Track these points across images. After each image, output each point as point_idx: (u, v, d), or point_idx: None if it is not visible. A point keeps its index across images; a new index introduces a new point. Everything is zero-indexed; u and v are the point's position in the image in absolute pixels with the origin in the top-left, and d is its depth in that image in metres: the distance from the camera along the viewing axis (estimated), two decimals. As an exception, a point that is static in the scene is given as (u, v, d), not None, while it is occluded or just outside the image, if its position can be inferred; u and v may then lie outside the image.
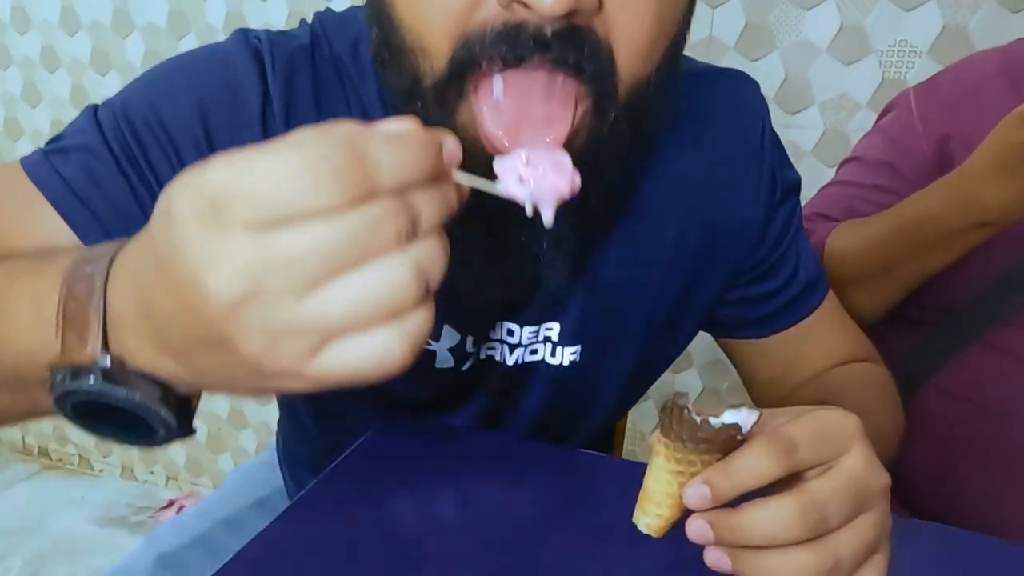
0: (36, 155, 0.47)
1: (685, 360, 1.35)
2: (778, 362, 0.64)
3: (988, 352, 0.71)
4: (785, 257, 0.60)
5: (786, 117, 1.16)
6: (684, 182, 0.55)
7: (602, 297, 0.55)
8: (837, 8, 1.09)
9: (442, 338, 0.54)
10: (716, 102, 0.56)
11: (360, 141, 0.24)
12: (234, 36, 0.51)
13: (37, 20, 1.60)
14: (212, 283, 0.24)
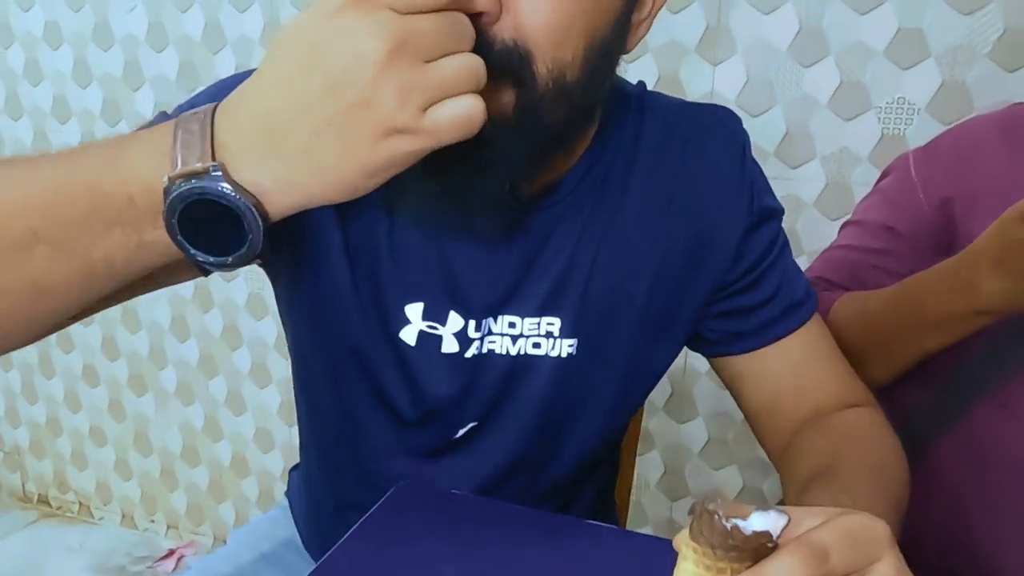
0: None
1: (691, 411, 1.35)
2: (770, 386, 0.65)
3: (999, 409, 0.71)
4: (766, 275, 0.64)
5: (788, 170, 1.18)
6: (672, 200, 0.61)
7: (599, 298, 0.61)
8: (836, 65, 1.11)
9: (448, 323, 0.59)
10: (701, 130, 0.63)
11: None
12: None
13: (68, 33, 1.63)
14: (370, 42, 0.36)
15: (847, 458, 0.55)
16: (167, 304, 1.69)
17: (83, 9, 1.55)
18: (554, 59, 0.47)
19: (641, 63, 1.21)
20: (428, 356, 0.60)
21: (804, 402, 0.64)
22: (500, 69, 0.44)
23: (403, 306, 0.60)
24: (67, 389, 1.88)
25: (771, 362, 0.65)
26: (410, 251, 0.59)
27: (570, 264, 0.60)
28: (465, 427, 0.64)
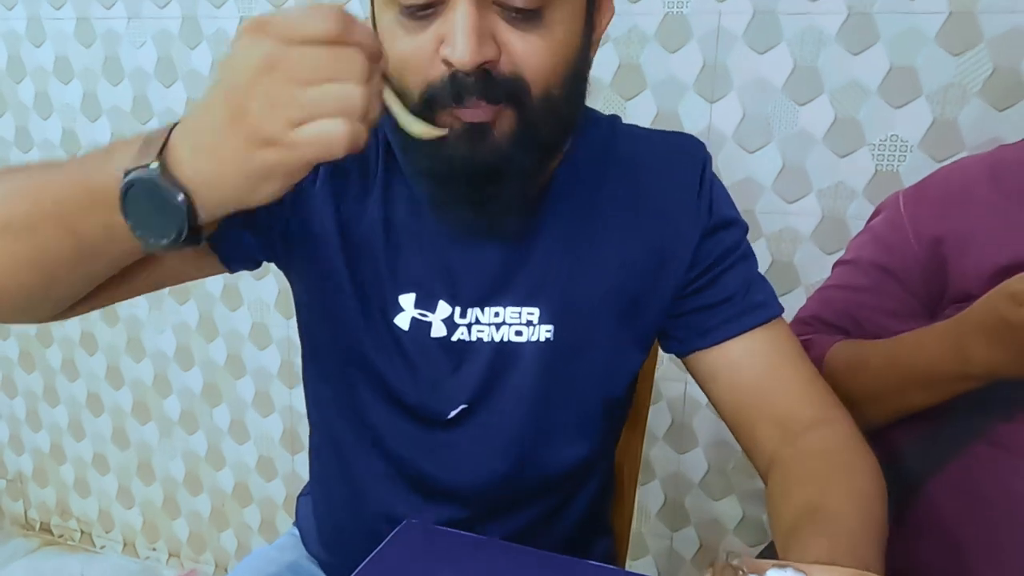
0: None
1: (691, 441, 1.36)
2: (737, 380, 0.69)
3: (992, 448, 0.72)
4: (724, 276, 0.70)
5: (784, 204, 1.20)
6: (638, 209, 0.69)
7: (573, 291, 0.68)
8: (830, 103, 1.14)
9: (437, 310, 0.68)
10: (666, 150, 0.72)
11: (350, 19, 0.44)
12: None
13: (79, 68, 1.66)
14: (247, 59, 0.43)
15: (834, 496, 0.57)
16: (171, 333, 1.71)
17: (94, 45, 1.59)
18: (544, 84, 0.58)
19: (640, 99, 1.24)
20: (419, 339, 0.68)
21: (774, 398, 0.68)
22: (504, 96, 0.56)
23: (397, 296, 0.68)
24: (71, 417, 1.89)
25: (736, 356, 0.69)
26: (405, 249, 0.68)
27: (548, 261, 0.68)
28: (456, 408, 0.70)
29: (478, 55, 0.54)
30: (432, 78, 0.56)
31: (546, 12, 0.56)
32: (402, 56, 0.57)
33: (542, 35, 0.57)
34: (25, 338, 1.88)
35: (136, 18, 1.54)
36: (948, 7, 1.05)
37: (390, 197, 0.68)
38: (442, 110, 0.56)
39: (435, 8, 0.55)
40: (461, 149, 0.57)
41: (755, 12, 1.15)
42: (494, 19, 0.55)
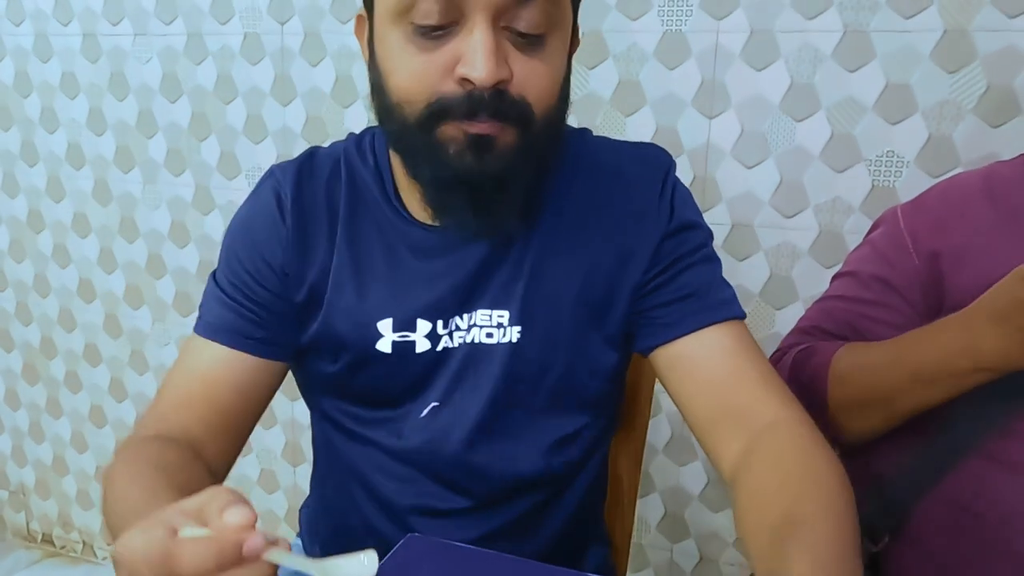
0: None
1: (690, 454, 1.37)
2: (695, 376, 0.70)
3: (986, 462, 0.72)
4: (683, 274, 0.72)
5: (782, 219, 1.21)
6: (602, 215, 0.73)
7: (540, 294, 0.71)
8: (827, 119, 1.15)
9: (418, 329, 0.71)
10: (632, 159, 0.75)
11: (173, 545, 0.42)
12: (262, 178, 0.76)
13: (85, 84, 1.68)
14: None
15: (809, 509, 0.56)
16: (175, 346, 1.72)
17: (100, 60, 1.61)
18: (545, 107, 0.63)
19: (640, 116, 1.25)
20: (403, 359, 0.72)
21: (732, 395, 0.68)
22: (512, 117, 0.61)
23: (375, 323, 0.71)
24: (74, 429, 1.90)
25: (695, 351, 0.70)
26: (376, 279, 0.71)
27: (517, 265, 0.71)
28: (428, 407, 0.73)
29: (496, 74, 0.58)
30: (443, 92, 0.60)
31: (547, 38, 0.61)
32: (413, 71, 0.61)
33: (543, 60, 0.62)
34: (29, 350, 1.90)
35: (142, 35, 1.56)
36: (943, 25, 1.07)
37: (356, 235, 0.72)
38: (449, 122, 0.61)
39: (449, 28, 0.59)
40: (466, 159, 0.61)
41: (752, 30, 1.16)
42: (504, 43, 0.60)
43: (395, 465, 0.75)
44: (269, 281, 0.72)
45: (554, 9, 0.60)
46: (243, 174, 1.55)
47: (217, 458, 0.69)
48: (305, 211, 0.72)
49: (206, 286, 0.76)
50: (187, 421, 0.68)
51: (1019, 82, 1.05)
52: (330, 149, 0.77)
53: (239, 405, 0.72)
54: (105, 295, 1.77)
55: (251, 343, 0.72)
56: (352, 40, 1.41)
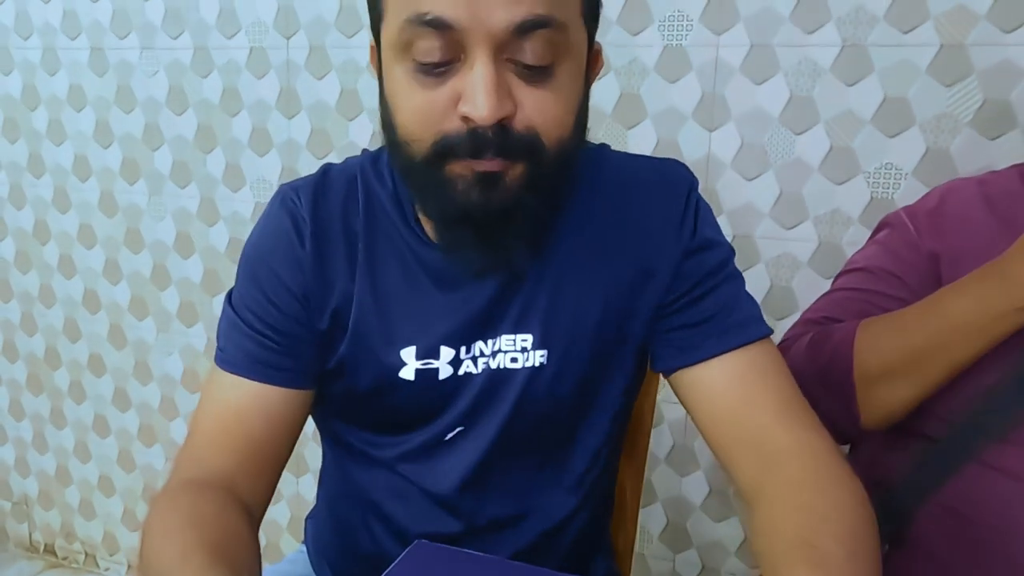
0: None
1: (692, 463, 1.38)
2: (716, 400, 0.69)
3: (985, 470, 0.73)
4: (707, 296, 0.71)
5: (782, 231, 1.23)
6: (623, 233, 0.72)
7: (561, 316, 0.71)
8: (826, 132, 1.17)
9: (441, 356, 0.70)
10: (653, 175, 0.74)
11: None
12: (272, 200, 0.74)
13: (92, 97, 1.70)
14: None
15: (827, 537, 0.55)
16: (179, 356, 1.73)
17: (107, 74, 1.63)
18: (556, 138, 0.61)
19: (641, 128, 1.27)
20: (425, 386, 0.71)
21: (751, 420, 0.67)
22: (519, 151, 0.59)
23: (398, 352, 0.70)
24: (77, 440, 1.91)
25: (716, 375, 0.69)
26: (398, 307, 0.70)
27: (538, 287, 0.70)
28: (453, 431, 0.73)
29: (498, 112, 0.57)
30: (447, 130, 0.59)
31: (556, 68, 0.59)
32: (416, 109, 0.60)
33: (553, 90, 0.60)
34: (34, 361, 1.91)
35: (149, 48, 1.58)
36: (939, 40, 1.09)
37: (375, 261, 0.70)
38: (456, 161, 0.59)
39: (451, 65, 0.58)
40: (473, 196, 0.60)
41: (752, 45, 1.18)
42: (509, 76, 0.58)
43: (410, 489, 0.75)
44: (291, 308, 0.70)
45: (560, 38, 0.58)
46: (248, 186, 1.57)
47: (255, 495, 0.68)
48: (323, 233, 0.70)
49: (222, 312, 0.74)
50: (222, 462, 0.67)
51: (1015, 96, 1.07)
52: (344, 167, 0.75)
53: (273, 438, 0.70)
54: (110, 306, 1.78)
55: (279, 375, 0.70)
56: (357, 53, 1.42)
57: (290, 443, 0.72)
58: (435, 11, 0.56)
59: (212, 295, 1.67)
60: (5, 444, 2.01)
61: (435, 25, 0.56)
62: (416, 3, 0.57)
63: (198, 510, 0.61)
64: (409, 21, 0.57)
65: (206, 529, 0.59)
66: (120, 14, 1.58)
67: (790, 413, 0.67)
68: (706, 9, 1.20)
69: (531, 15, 0.56)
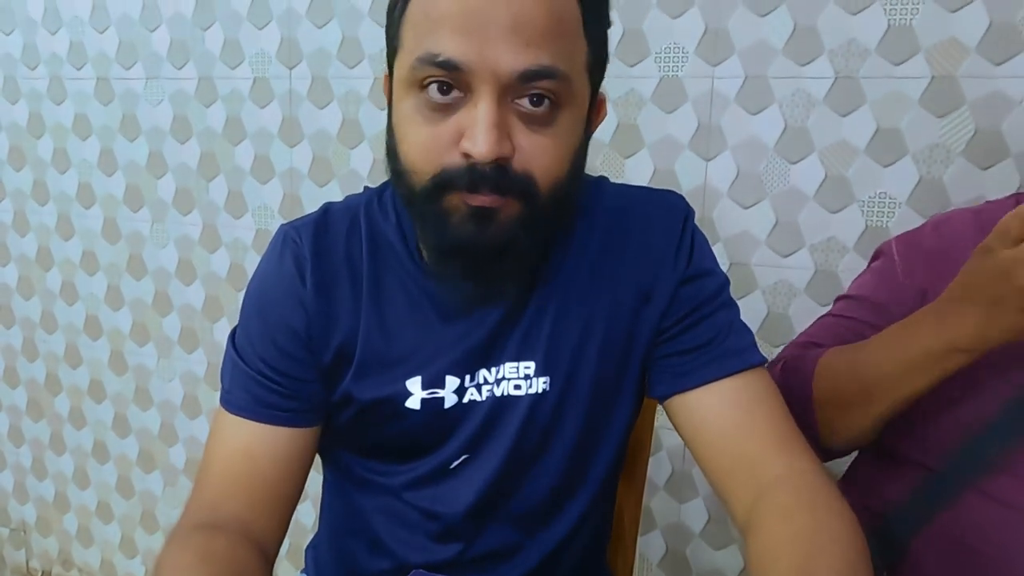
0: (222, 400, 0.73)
1: (691, 491, 1.38)
2: (710, 426, 0.70)
3: (982, 499, 0.73)
4: (701, 323, 0.72)
5: (779, 259, 1.24)
6: (624, 257, 0.74)
7: (563, 343, 0.72)
8: (821, 161, 1.18)
9: (446, 385, 0.71)
10: (650, 205, 0.76)
11: None
12: (274, 239, 0.75)
13: (97, 126, 1.71)
14: None
15: (822, 567, 0.56)
16: (179, 382, 1.74)
17: (112, 103, 1.65)
18: (552, 182, 0.63)
19: (638, 158, 1.29)
20: (432, 414, 0.72)
21: (745, 446, 0.68)
22: (515, 191, 0.61)
23: (404, 382, 0.71)
24: (77, 466, 1.91)
25: (710, 401, 0.70)
26: (403, 337, 0.72)
27: (540, 315, 0.72)
28: (459, 459, 0.74)
29: (496, 151, 0.59)
30: (447, 164, 0.61)
31: (557, 116, 0.62)
32: (420, 141, 0.62)
33: (552, 136, 0.62)
34: (34, 387, 1.91)
35: (154, 78, 1.60)
36: (930, 72, 1.11)
37: (381, 294, 0.72)
38: (453, 194, 0.62)
39: (458, 102, 0.60)
40: (468, 229, 0.62)
41: (746, 76, 1.20)
42: (511, 118, 0.60)
43: (414, 517, 0.75)
44: (294, 348, 0.71)
45: (562, 88, 0.61)
46: (250, 213, 1.58)
47: (268, 535, 0.68)
48: (326, 270, 0.72)
49: (226, 352, 0.75)
50: (234, 507, 0.67)
51: (1007, 126, 1.08)
52: (344, 204, 0.77)
53: (284, 478, 0.70)
54: (111, 332, 1.79)
55: (285, 415, 0.71)
56: (358, 83, 1.45)
57: (301, 480, 0.73)
58: (446, 53, 0.58)
59: (213, 321, 1.67)
60: (4, 470, 2.01)
61: (445, 67, 0.59)
62: (429, 44, 0.59)
63: (211, 548, 0.61)
64: (421, 60, 0.60)
65: (218, 567, 0.59)
66: (126, 45, 1.61)
67: (783, 440, 0.68)
68: (701, 41, 1.22)
69: (536, 65, 0.58)
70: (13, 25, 1.71)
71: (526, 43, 0.58)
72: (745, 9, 1.19)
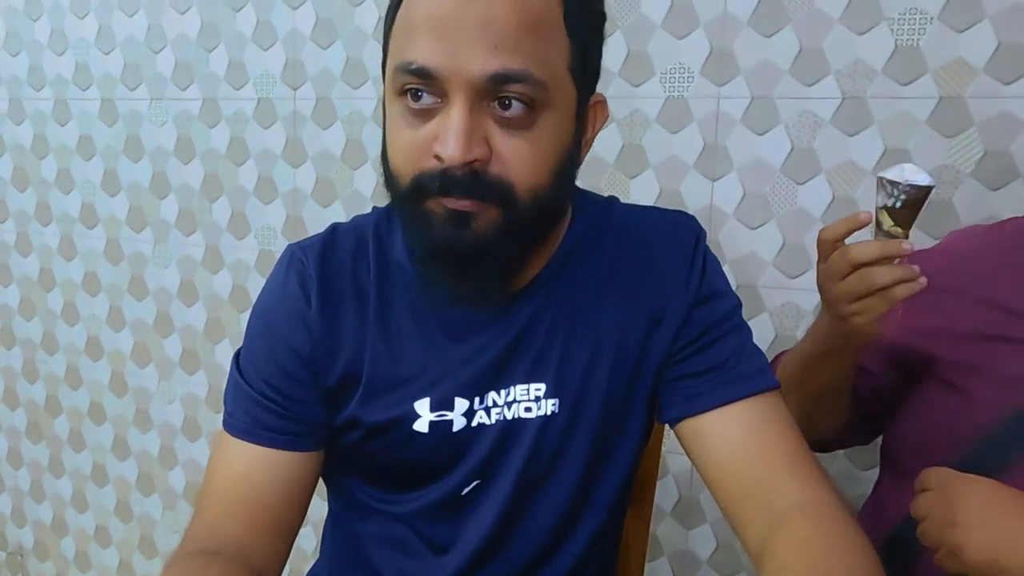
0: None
1: (699, 517, 1.35)
2: (721, 451, 0.68)
3: None
4: (713, 346, 0.72)
5: (787, 280, 1.22)
6: (631, 282, 0.73)
7: (573, 365, 0.71)
8: (828, 182, 1.17)
9: (455, 407, 0.70)
10: (661, 226, 0.76)
11: None
12: (280, 259, 0.74)
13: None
14: None
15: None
16: (180, 404, 1.72)
17: (116, 124, 1.65)
18: (531, 187, 0.62)
19: (643, 178, 1.28)
20: (441, 435, 0.71)
21: (758, 472, 0.66)
22: (491, 196, 0.61)
23: (412, 404, 0.70)
24: (75, 489, 1.89)
25: (722, 426, 0.69)
26: (410, 359, 0.71)
27: (550, 336, 0.71)
28: (470, 485, 0.73)
29: (467, 154, 0.59)
30: (424, 168, 0.62)
31: (536, 120, 0.61)
32: (402, 146, 0.63)
33: (531, 140, 0.62)
34: (34, 408, 1.89)
35: (159, 99, 1.60)
36: (938, 93, 1.10)
37: (388, 315, 0.71)
38: (430, 198, 0.62)
39: (435, 107, 0.61)
40: (446, 233, 0.62)
41: (752, 97, 1.20)
42: (488, 122, 0.61)
43: (421, 547, 0.74)
44: (297, 371, 0.70)
45: (538, 92, 0.60)
46: (252, 233, 1.58)
47: (268, 561, 0.67)
48: (331, 290, 0.71)
49: (230, 373, 0.74)
50: (235, 532, 0.66)
51: (1016, 147, 1.07)
52: (352, 224, 0.76)
53: (285, 503, 0.69)
54: (112, 353, 1.77)
55: (288, 439, 0.70)
56: (362, 104, 1.44)
57: (303, 506, 0.72)
58: (419, 61, 0.59)
59: (215, 343, 1.66)
60: (2, 493, 1.99)
61: (419, 74, 0.59)
62: (404, 53, 0.61)
63: (208, 574, 0.60)
64: (399, 68, 0.61)
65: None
66: (131, 66, 1.62)
67: (797, 467, 0.66)
68: (707, 62, 1.22)
69: (505, 69, 0.59)
70: (20, 47, 1.72)
71: (496, 46, 0.58)
72: (750, 30, 1.18)
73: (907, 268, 0.73)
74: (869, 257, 0.73)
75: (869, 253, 0.73)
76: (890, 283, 0.73)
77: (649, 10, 1.24)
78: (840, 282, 0.76)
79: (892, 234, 0.76)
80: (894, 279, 0.72)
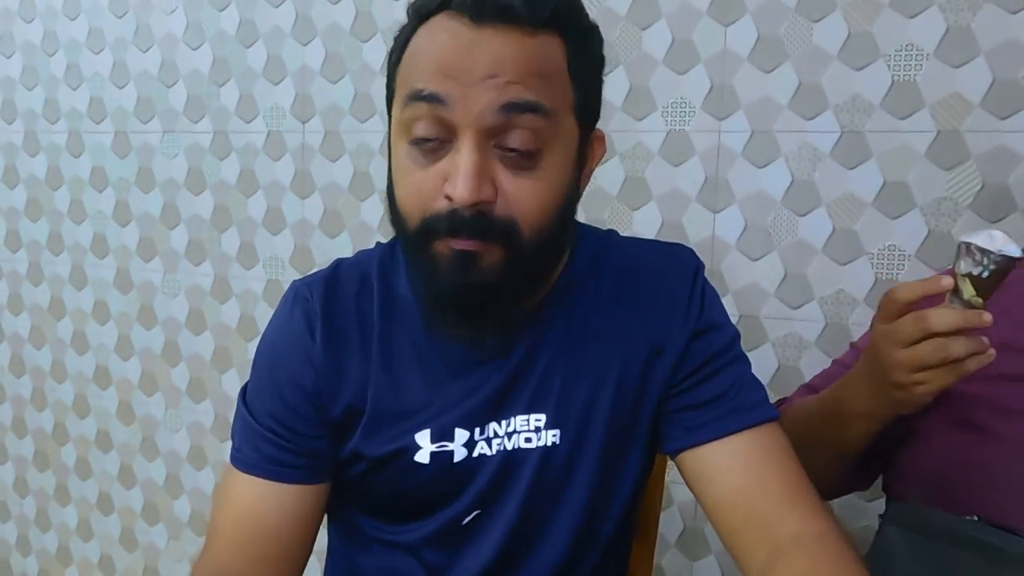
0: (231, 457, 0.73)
1: (703, 548, 1.35)
2: (722, 482, 0.69)
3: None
4: (712, 378, 0.72)
5: (788, 311, 1.23)
6: (631, 315, 0.73)
7: (574, 396, 0.72)
8: (828, 215, 1.19)
9: (456, 438, 0.71)
10: (660, 258, 0.77)
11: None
12: (285, 296, 0.76)
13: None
14: None
15: None
16: (186, 432, 1.73)
17: (128, 156, 1.68)
18: (536, 225, 0.64)
19: (646, 210, 1.29)
20: (441, 468, 0.71)
21: (758, 504, 0.67)
22: (496, 235, 0.62)
23: (413, 436, 0.71)
24: (81, 517, 1.89)
25: (722, 457, 0.69)
26: (412, 390, 0.71)
27: (550, 367, 0.72)
28: (471, 515, 0.72)
29: (476, 195, 0.60)
30: (433, 209, 0.63)
31: (542, 156, 0.63)
32: (410, 187, 0.64)
33: (536, 178, 0.63)
34: (41, 437, 1.90)
35: (171, 132, 1.63)
36: (935, 127, 1.11)
37: (391, 349, 0.72)
38: (438, 239, 0.63)
39: (443, 147, 0.62)
40: (452, 274, 0.63)
41: (753, 131, 1.22)
42: (493, 162, 0.62)
43: (420, 574, 0.74)
44: (302, 405, 0.71)
45: (546, 126, 0.62)
46: (261, 263, 1.60)
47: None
48: (336, 326, 0.72)
49: (236, 409, 0.75)
50: (241, 567, 0.67)
51: (1014, 180, 1.08)
52: (356, 260, 0.77)
53: (293, 536, 0.70)
54: (120, 382, 1.79)
55: (294, 472, 0.71)
56: (369, 138, 1.47)
57: (310, 540, 0.72)
58: (429, 88, 0.61)
59: (222, 372, 1.67)
60: (8, 521, 1.99)
61: (429, 100, 0.60)
62: (414, 81, 0.62)
63: None
64: (408, 97, 0.62)
65: None
66: (144, 100, 1.65)
67: (798, 498, 0.67)
68: (708, 97, 1.24)
69: (517, 98, 0.60)
70: (36, 81, 1.76)
71: (506, 82, 0.60)
72: (750, 66, 1.21)
73: (978, 340, 0.67)
74: (948, 327, 0.67)
75: (949, 323, 0.67)
76: (964, 356, 0.67)
77: (651, 46, 1.26)
78: (906, 349, 0.69)
79: (972, 304, 0.68)
80: (968, 352, 0.67)
